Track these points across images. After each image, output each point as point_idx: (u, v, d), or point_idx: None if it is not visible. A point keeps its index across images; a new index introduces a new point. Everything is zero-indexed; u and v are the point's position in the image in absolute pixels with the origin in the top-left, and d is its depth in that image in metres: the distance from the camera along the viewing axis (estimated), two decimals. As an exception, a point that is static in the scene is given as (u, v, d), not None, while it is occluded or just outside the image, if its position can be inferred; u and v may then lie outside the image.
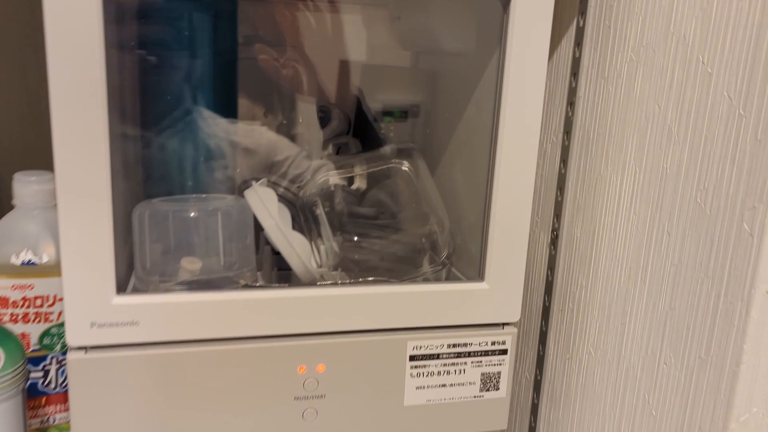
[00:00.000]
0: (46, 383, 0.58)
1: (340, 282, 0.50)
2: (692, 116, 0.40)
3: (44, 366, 0.57)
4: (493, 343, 0.51)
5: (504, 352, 0.52)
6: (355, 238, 0.52)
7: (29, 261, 0.55)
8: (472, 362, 0.51)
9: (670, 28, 0.41)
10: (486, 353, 0.51)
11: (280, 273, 0.53)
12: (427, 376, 0.51)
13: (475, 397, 0.52)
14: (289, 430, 0.48)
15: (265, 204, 0.48)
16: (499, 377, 0.52)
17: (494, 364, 0.52)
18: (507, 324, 0.52)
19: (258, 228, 0.51)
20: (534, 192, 0.54)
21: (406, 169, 0.57)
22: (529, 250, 0.53)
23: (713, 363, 0.38)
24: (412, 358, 0.50)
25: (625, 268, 0.47)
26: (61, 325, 0.57)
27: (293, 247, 0.48)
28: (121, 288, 0.44)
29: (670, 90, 0.42)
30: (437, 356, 0.50)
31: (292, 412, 0.48)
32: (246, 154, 0.57)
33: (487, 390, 0.52)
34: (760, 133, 0.34)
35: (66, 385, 0.59)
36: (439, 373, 0.51)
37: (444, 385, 0.51)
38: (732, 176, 0.36)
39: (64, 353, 0.58)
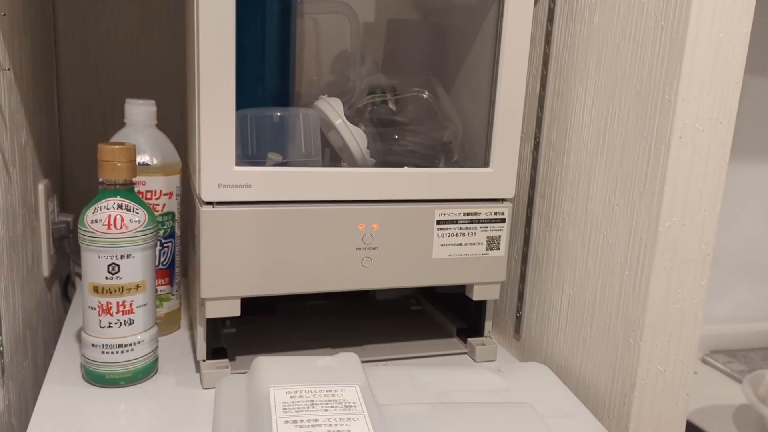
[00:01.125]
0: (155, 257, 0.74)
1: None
2: (632, 33, 0.60)
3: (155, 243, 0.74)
4: (495, 213, 0.71)
5: (503, 220, 0.71)
6: (396, 137, 0.71)
7: (144, 162, 0.72)
8: (480, 227, 0.70)
9: (617, -23, 0.62)
10: (490, 221, 0.71)
11: (338, 163, 0.71)
12: (449, 236, 0.69)
13: (482, 254, 0.71)
14: (352, 272, 0.67)
15: (334, 108, 0.66)
16: (500, 240, 0.71)
17: (496, 230, 0.71)
18: (505, 199, 0.71)
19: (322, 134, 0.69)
20: (522, 112, 0.74)
21: (426, 96, 0.76)
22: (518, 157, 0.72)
23: (647, 193, 0.58)
24: (439, 222, 0.69)
25: (589, 150, 0.67)
26: (165, 214, 0.74)
27: (355, 137, 0.66)
28: (238, 162, 0.61)
29: (617, 18, 0.62)
30: (456, 222, 0.69)
31: (354, 259, 0.66)
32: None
33: (491, 249, 0.71)
34: (673, 34, 0.55)
35: (166, 263, 0.76)
36: (457, 234, 0.70)
37: (460, 244, 0.70)
38: (657, 66, 0.57)
39: (166, 237, 0.75)
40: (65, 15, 0.94)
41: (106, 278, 0.61)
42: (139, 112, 0.72)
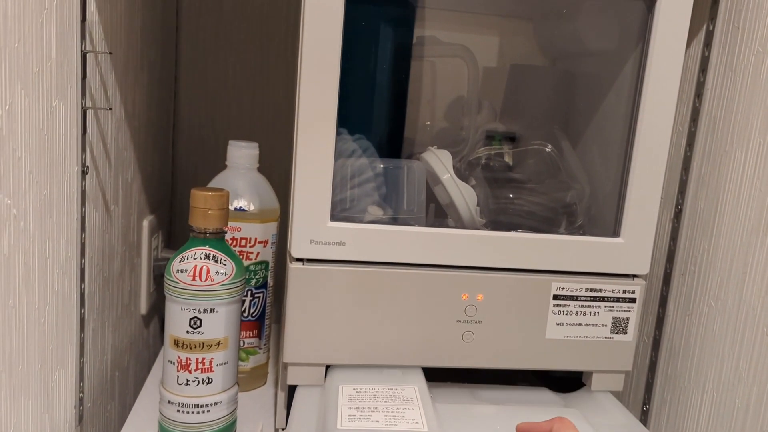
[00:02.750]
0: (241, 311, 0.70)
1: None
2: (813, 90, 0.49)
3: (241, 297, 0.70)
4: (624, 291, 0.60)
5: (633, 300, 0.61)
6: (510, 195, 0.63)
7: (240, 208, 0.69)
8: (605, 306, 0.60)
9: (795, 21, 0.51)
10: (617, 300, 0.60)
11: (444, 220, 0.64)
12: (566, 314, 0.60)
13: (605, 338, 0.61)
14: (450, 347, 0.59)
15: (442, 161, 0.59)
16: (628, 322, 0.61)
17: (624, 310, 0.61)
18: (637, 276, 0.61)
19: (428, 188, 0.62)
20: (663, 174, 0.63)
21: (549, 150, 0.67)
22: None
23: (829, 289, 0.46)
24: (555, 297, 0.60)
25: (748, 226, 0.55)
26: (258, 263, 0.70)
27: (463, 195, 0.59)
28: (333, 217, 0.56)
29: (793, 72, 0.51)
30: (576, 298, 0.60)
31: (454, 332, 0.59)
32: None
33: (617, 333, 0.61)
34: None
35: (255, 315, 0.71)
36: (576, 312, 0.60)
37: (580, 324, 0.60)
38: None
39: (257, 287, 0.71)
40: (187, 52, 0.95)
41: (187, 332, 0.57)
42: (241, 155, 0.69)
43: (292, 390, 0.60)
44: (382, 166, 0.61)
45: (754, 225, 0.54)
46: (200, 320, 0.57)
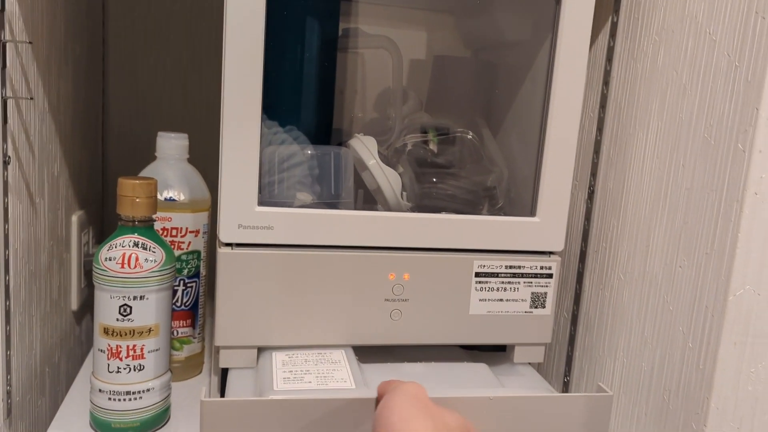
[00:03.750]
0: (174, 301, 0.71)
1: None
2: (701, 74, 0.53)
3: (173, 286, 0.70)
4: (541, 268, 0.64)
5: (550, 276, 0.64)
6: (434, 180, 0.65)
7: (170, 198, 0.69)
8: (524, 282, 0.64)
9: (685, 11, 0.55)
10: (535, 275, 0.64)
11: (372, 206, 0.66)
12: (488, 291, 0.63)
13: (525, 312, 0.64)
14: (379, 325, 0.61)
15: (368, 147, 0.62)
16: (546, 297, 0.65)
17: (542, 286, 0.64)
18: (553, 253, 0.64)
19: (356, 174, 0.64)
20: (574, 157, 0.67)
21: (470, 137, 0.71)
22: (569, 205, 0.65)
23: (716, 254, 0.51)
24: (477, 274, 0.63)
25: (649, 202, 0.59)
26: (190, 252, 0.71)
27: (389, 179, 0.61)
28: (261, 202, 0.57)
29: (684, 58, 0.55)
30: (497, 275, 0.63)
31: (382, 311, 0.61)
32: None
33: (536, 307, 0.65)
34: (749, 75, 0.48)
35: (189, 304, 0.72)
36: (497, 289, 0.63)
37: (501, 300, 0.64)
38: (730, 112, 0.50)
39: (190, 277, 0.71)
40: (115, 47, 0.94)
41: (117, 320, 0.58)
42: (170, 146, 0.70)
43: (225, 375, 0.61)
44: (310, 152, 0.62)
45: (654, 200, 0.59)
46: (130, 307, 0.58)
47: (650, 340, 0.59)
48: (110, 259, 0.57)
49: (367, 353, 0.62)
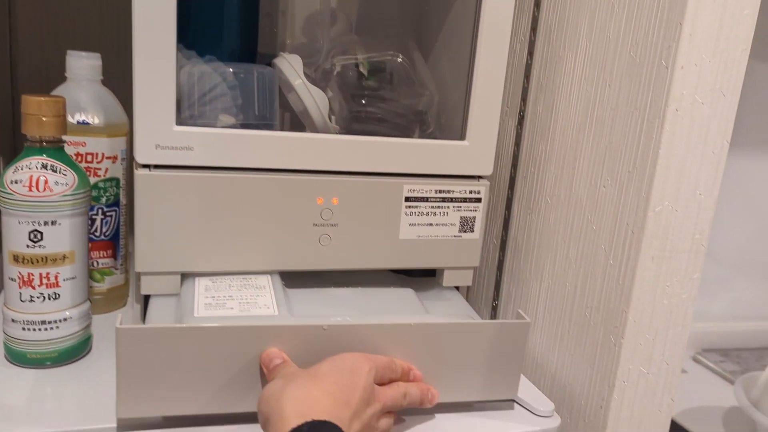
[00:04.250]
0: (92, 230, 0.67)
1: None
2: (628, -8, 0.53)
3: (91, 215, 0.67)
4: (470, 192, 0.64)
5: (479, 200, 0.64)
6: (363, 101, 0.64)
7: (83, 121, 0.65)
8: (453, 206, 0.64)
9: (615, -72, 0.55)
10: (464, 200, 0.64)
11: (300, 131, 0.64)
12: (418, 215, 0.63)
13: (454, 236, 0.65)
14: (307, 251, 0.60)
15: (293, 66, 0.59)
16: (474, 221, 0.65)
17: (471, 210, 0.64)
18: (482, 177, 0.64)
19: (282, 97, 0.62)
20: (504, 81, 0.67)
21: (401, 60, 0.69)
22: (499, 133, 0.65)
23: (637, 172, 0.51)
24: (407, 199, 0.62)
25: (576, 125, 0.60)
26: (107, 180, 0.67)
27: (315, 99, 0.59)
28: (181, 122, 0.55)
29: (613, -24, 0.55)
30: (426, 199, 0.63)
31: (310, 236, 0.60)
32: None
33: (464, 231, 0.65)
34: (674, -8, 0.48)
35: (108, 234, 0.69)
36: (427, 213, 0.63)
37: (431, 224, 0.64)
38: (655, 28, 0.50)
39: (109, 205, 0.68)
40: (20, -38, 0.87)
41: (28, 246, 0.54)
42: (82, 66, 0.65)
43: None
44: (232, 70, 0.59)
45: (581, 122, 0.59)
46: (41, 233, 0.54)
47: (574, 260, 0.60)
48: (16, 182, 0.53)
49: (295, 279, 0.61)
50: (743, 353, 1.29)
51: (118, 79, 0.72)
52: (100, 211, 0.67)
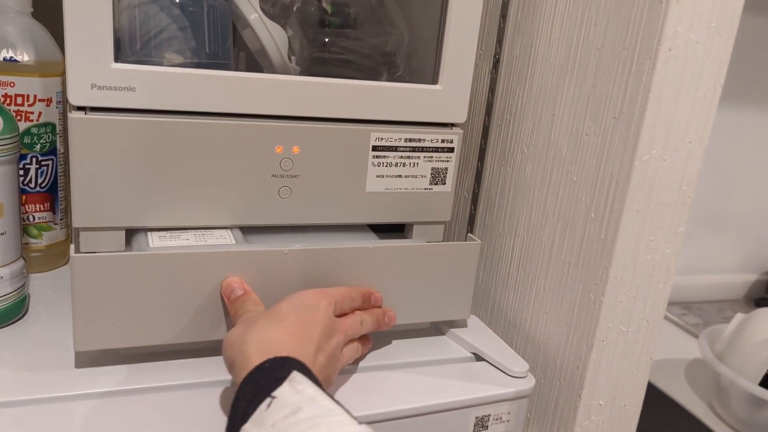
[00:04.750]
0: (26, 182, 0.61)
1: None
2: None
3: (24, 165, 0.61)
4: (442, 141, 0.59)
5: (451, 150, 0.60)
6: (326, 40, 0.58)
7: (11, 58, 0.58)
8: (424, 157, 0.59)
9: None
10: (436, 150, 0.60)
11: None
12: (386, 166, 0.58)
13: (425, 189, 0.60)
14: (266, 204, 0.55)
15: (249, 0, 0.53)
16: (446, 173, 0.61)
17: (443, 161, 0.60)
18: (455, 125, 0.60)
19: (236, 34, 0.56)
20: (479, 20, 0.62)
21: (367, -6, 0.63)
22: (473, 78, 0.60)
23: (624, 118, 0.48)
24: (375, 148, 0.57)
25: (557, 68, 0.55)
26: (41, 125, 0.60)
27: (273, 36, 0.53)
28: (121, 59, 0.48)
29: None
30: (395, 149, 0.58)
31: (269, 188, 0.55)
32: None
33: (436, 184, 0.61)
34: None
35: (45, 185, 0.63)
36: (396, 164, 0.59)
37: (400, 176, 0.59)
38: (648, -41, 0.45)
39: (44, 153, 0.62)
40: None
41: (-54, 199, 0.48)
42: (9, -5, 0.58)
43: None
44: (179, 1, 0.53)
45: (563, 65, 0.55)
46: (-39, 184, 0.48)
47: (552, 214, 0.57)
48: (-71, 125, 0.47)
49: (257, 238, 0.57)
50: (705, 306, 1.31)
51: (52, 13, 0.64)
52: (34, 159, 0.61)
